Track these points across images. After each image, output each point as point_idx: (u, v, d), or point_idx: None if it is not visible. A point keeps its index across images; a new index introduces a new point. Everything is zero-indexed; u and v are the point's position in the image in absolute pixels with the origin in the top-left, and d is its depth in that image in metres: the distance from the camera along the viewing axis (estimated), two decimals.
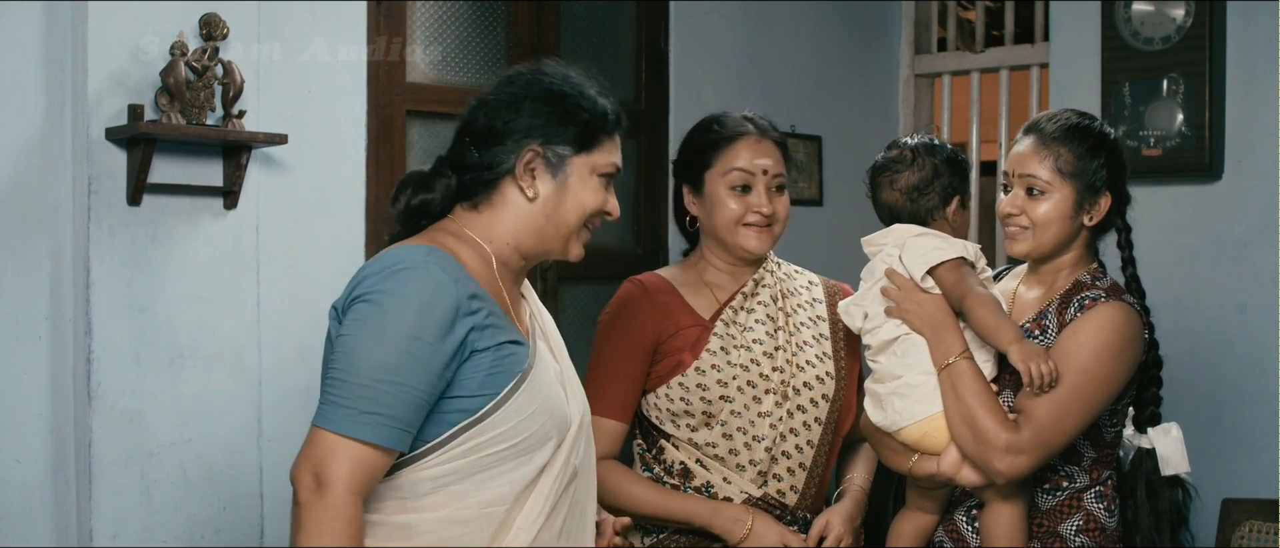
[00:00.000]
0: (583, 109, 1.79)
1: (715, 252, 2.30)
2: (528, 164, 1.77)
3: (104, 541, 2.47)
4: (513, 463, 1.71)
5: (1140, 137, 3.67)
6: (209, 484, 2.61)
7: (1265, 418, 3.47)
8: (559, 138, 1.78)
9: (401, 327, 1.62)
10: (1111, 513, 2.10)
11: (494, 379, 1.69)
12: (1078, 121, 2.12)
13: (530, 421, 1.71)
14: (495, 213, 1.79)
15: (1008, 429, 1.96)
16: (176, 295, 2.57)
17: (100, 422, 2.48)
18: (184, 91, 2.50)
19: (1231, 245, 3.60)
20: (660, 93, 3.76)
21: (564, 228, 1.81)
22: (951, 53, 4.56)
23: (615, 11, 3.70)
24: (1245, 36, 3.56)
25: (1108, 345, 2.01)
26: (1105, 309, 2.04)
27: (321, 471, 1.60)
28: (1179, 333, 3.66)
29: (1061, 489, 2.09)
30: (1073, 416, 1.98)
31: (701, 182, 2.27)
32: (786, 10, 4.11)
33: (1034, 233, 2.10)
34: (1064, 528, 2.07)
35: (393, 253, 1.70)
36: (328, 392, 1.64)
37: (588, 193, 1.81)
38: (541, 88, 1.80)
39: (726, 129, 2.29)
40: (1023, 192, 2.11)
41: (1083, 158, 2.08)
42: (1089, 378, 1.99)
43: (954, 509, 2.17)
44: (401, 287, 1.64)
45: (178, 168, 2.57)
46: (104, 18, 2.48)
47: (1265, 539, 3.17)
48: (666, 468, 2.23)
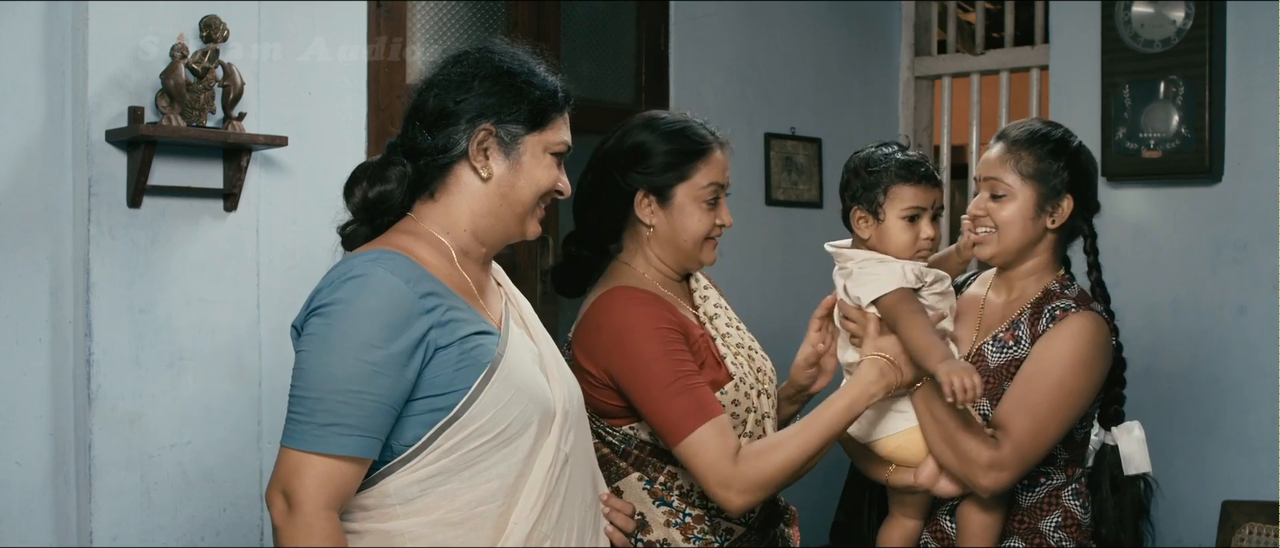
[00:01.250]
0: (534, 87, 1.79)
1: (661, 261, 2.16)
2: (481, 143, 1.75)
3: (104, 542, 2.47)
4: (498, 454, 1.70)
5: (1140, 139, 3.67)
6: (209, 486, 2.61)
7: (1265, 420, 3.47)
8: (511, 116, 1.77)
9: (353, 335, 1.61)
10: (1085, 509, 2.19)
11: (463, 374, 1.67)
12: (1040, 128, 2.20)
13: (508, 409, 1.70)
14: (451, 199, 1.78)
15: (989, 447, 2.03)
16: (177, 297, 2.57)
17: (100, 423, 2.48)
18: (184, 93, 2.50)
19: (1231, 247, 3.60)
20: (660, 93, 3.76)
21: (520, 207, 1.80)
22: (951, 55, 4.56)
23: (615, 11, 3.70)
24: (1245, 38, 3.56)
25: (1082, 357, 2.08)
26: (1076, 321, 2.10)
27: (290, 489, 1.60)
28: (1179, 334, 3.67)
29: (1039, 486, 2.16)
30: (1050, 428, 2.06)
31: (670, 193, 2.12)
32: (786, 11, 4.11)
33: (998, 236, 2.16)
34: (1044, 525, 2.14)
35: (343, 264, 1.69)
36: (289, 410, 1.64)
37: (541, 171, 1.80)
38: (491, 67, 1.78)
39: (702, 141, 2.16)
40: (988, 195, 2.18)
41: (1043, 160, 2.15)
42: (1065, 392, 2.07)
43: (937, 510, 2.22)
44: (350, 295, 1.63)
45: (178, 170, 2.57)
46: (104, 20, 2.48)
47: (1265, 541, 3.17)
48: (684, 494, 2.10)
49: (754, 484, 1.96)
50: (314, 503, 1.59)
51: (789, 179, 4.09)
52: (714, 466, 1.95)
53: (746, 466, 1.96)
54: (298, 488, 1.59)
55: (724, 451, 1.96)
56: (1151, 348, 3.68)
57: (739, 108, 3.94)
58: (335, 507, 1.62)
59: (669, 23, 3.77)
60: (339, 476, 1.61)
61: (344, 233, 1.82)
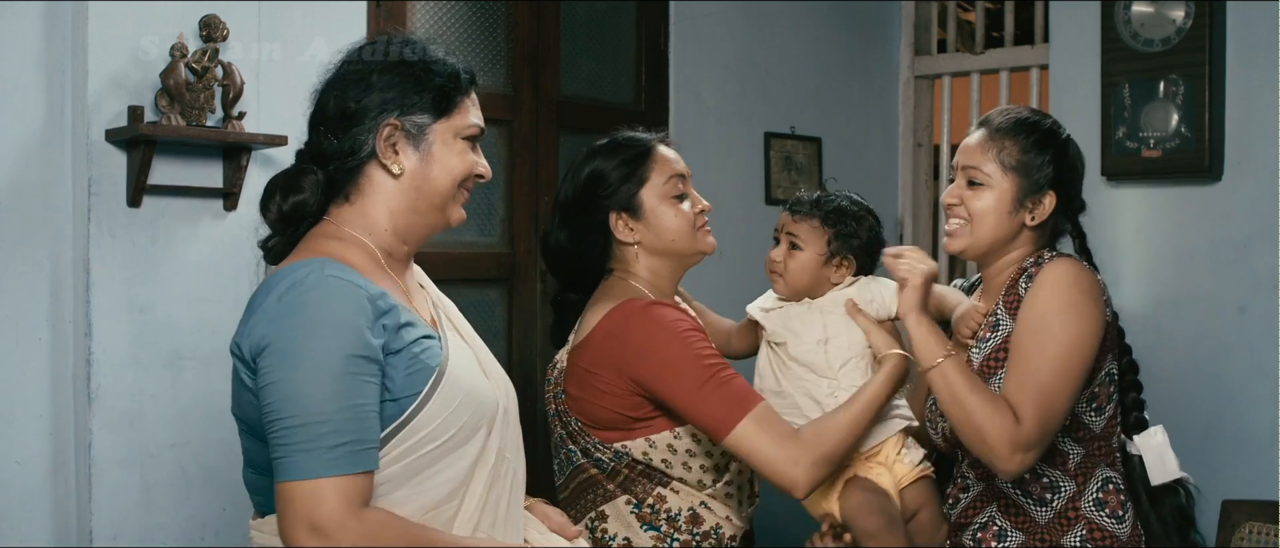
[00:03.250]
0: (433, 73, 1.73)
1: (656, 274, 2.17)
2: (388, 139, 1.70)
3: (104, 541, 2.47)
4: (447, 460, 1.65)
5: (1140, 138, 3.67)
6: (208, 485, 2.61)
7: (1265, 419, 3.47)
8: (415, 107, 1.71)
9: (330, 350, 1.54)
10: (1120, 520, 2.03)
11: (413, 378, 1.62)
12: (1027, 116, 2.07)
13: (458, 413, 1.65)
14: (366, 201, 1.72)
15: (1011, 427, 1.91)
16: (176, 297, 2.58)
17: (100, 423, 2.48)
18: (184, 93, 2.50)
19: (1231, 247, 3.60)
20: (660, 93, 3.76)
21: (437, 198, 1.74)
22: (951, 54, 4.56)
23: (615, 11, 3.70)
24: (1245, 38, 3.56)
25: (1068, 302, 1.95)
26: (1052, 268, 1.99)
27: (317, 522, 1.51)
28: (1179, 334, 3.66)
29: (1048, 501, 2.04)
30: (1062, 391, 1.93)
31: (637, 203, 2.13)
32: (786, 11, 4.11)
33: (971, 228, 2.06)
34: (1067, 541, 2.02)
35: (285, 277, 1.61)
36: (285, 442, 1.53)
37: (453, 158, 1.74)
38: (387, 59, 1.73)
39: (640, 143, 2.18)
40: (965, 183, 2.07)
41: (1027, 152, 2.04)
42: (1062, 346, 1.93)
43: (961, 532, 2.13)
44: (310, 311, 1.56)
45: (178, 169, 2.57)
46: (104, 19, 2.48)
47: (1265, 540, 3.17)
48: (671, 519, 2.09)
49: (821, 458, 1.97)
50: (349, 521, 1.52)
51: (789, 178, 4.09)
52: (776, 448, 1.95)
53: (810, 441, 1.97)
54: (327, 517, 1.51)
55: (779, 433, 1.96)
56: (1151, 348, 3.66)
57: (739, 108, 3.94)
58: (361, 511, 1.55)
59: (669, 23, 3.77)
60: (359, 491, 1.55)
61: (266, 247, 1.76)
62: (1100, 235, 3.86)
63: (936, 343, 2.00)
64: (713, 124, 3.85)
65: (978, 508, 2.12)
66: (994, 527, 2.08)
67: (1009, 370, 1.98)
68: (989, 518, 2.09)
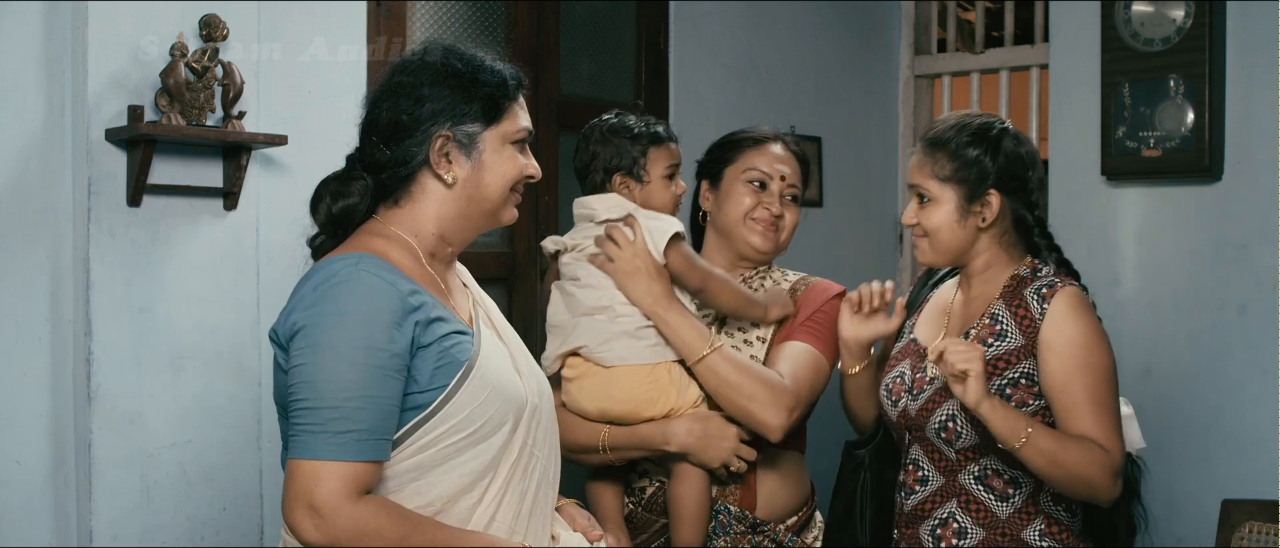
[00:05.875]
0: (482, 82, 1.77)
1: (720, 251, 2.31)
2: (440, 150, 1.76)
3: (104, 542, 2.47)
4: (472, 451, 1.70)
5: (1140, 137, 3.67)
6: (209, 485, 2.61)
7: (1265, 418, 3.47)
8: (466, 116, 1.76)
9: (352, 340, 1.60)
10: (1072, 512, 2.13)
11: (442, 372, 1.67)
12: (956, 122, 2.13)
13: (483, 408, 1.70)
14: (417, 205, 1.78)
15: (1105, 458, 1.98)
16: (176, 296, 2.57)
17: (100, 423, 2.48)
18: (184, 93, 2.50)
19: (1231, 246, 3.60)
20: (660, 93, 3.76)
21: (488, 204, 1.80)
22: (951, 54, 4.56)
23: (615, 11, 3.70)
24: (1245, 37, 3.56)
25: (1095, 329, 2.05)
26: (1067, 298, 2.06)
27: (315, 501, 1.57)
28: (1179, 333, 3.66)
29: (1010, 496, 2.09)
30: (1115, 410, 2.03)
31: (720, 176, 2.33)
32: (786, 11, 4.11)
33: (931, 242, 2.13)
34: (1027, 534, 2.09)
35: (323, 269, 1.69)
36: (297, 422, 1.61)
37: (504, 163, 1.79)
38: (436, 69, 1.77)
39: (756, 134, 2.37)
40: (916, 201, 2.14)
41: (957, 159, 2.09)
42: (1107, 369, 2.03)
43: (918, 523, 2.17)
44: (340, 301, 1.63)
45: (178, 169, 2.57)
46: (104, 19, 2.48)
47: (1265, 540, 3.17)
48: None
49: None
50: (344, 504, 1.57)
51: None
52: None
53: None
54: (324, 498, 1.57)
55: None
56: (1151, 347, 3.68)
57: (739, 107, 3.94)
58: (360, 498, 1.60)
59: (669, 22, 3.77)
60: (360, 478, 1.60)
61: (313, 245, 1.83)
62: (1100, 235, 3.88)
63: (1017, 420, 1.98)
64: (713, 124, 3.84)
65: (937, 503, 2.15)
66: (954, 525, 2.12)
67: (1070, 410, 2.02)
68: (949, 515, 2.13)
